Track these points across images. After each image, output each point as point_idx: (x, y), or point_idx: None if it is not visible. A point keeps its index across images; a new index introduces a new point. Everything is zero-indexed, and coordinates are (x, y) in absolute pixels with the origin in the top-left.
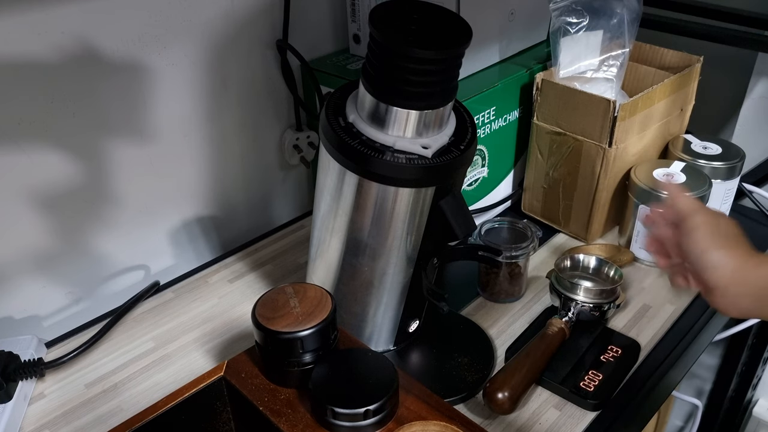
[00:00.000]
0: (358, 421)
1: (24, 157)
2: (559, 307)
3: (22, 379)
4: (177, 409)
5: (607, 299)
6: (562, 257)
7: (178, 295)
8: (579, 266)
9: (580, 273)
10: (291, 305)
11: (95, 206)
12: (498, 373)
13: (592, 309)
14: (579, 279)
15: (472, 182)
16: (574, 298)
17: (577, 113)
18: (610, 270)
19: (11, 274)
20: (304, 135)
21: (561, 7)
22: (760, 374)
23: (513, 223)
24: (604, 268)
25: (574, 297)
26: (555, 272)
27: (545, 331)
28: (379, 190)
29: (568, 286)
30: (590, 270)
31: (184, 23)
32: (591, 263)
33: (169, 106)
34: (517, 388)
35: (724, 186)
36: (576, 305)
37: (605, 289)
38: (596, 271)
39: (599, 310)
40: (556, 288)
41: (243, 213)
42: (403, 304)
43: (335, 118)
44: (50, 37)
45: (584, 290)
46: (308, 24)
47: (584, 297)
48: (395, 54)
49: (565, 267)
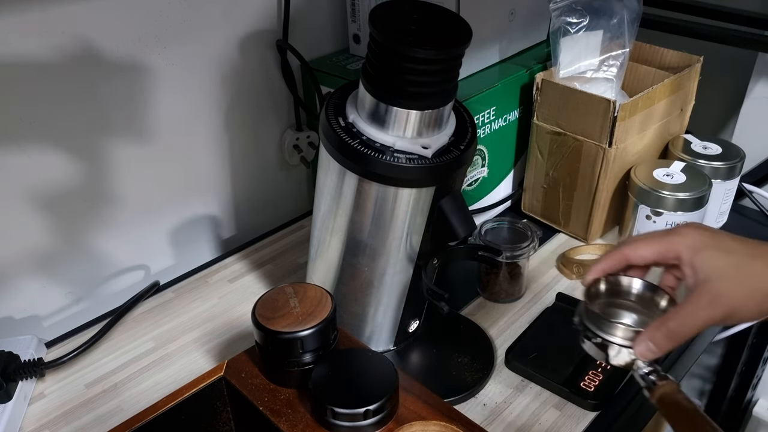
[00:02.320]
0: (358, 421)
1: (24, 157)
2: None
3: (22, 379)
4: (177, 409)
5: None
6: (594, 282)
7: (178, 295)
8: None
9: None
10: (291, 305)
11: (95, 206)
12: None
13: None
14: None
15: (472, 182)
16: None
17: (577, 113)
18: (660, 299)
19: (11, 274)
20: (304, 135)
21: (561, 7)
22: (760, 374)
23: (513, 223)
24: (650, 295)
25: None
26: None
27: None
28: (379, 190)
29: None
30: (632, 297)
31: (184, 23)
32: (634, 287)
33: (169, 106)
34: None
35: (724, 186)
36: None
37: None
38: (640, 299)
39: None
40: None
41: (243, 213)
42: (403, 304)
43: (335, 118)
44: (50, 37)
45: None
46: (308, 24)
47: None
48: (395, 54)
49: (599, 293)
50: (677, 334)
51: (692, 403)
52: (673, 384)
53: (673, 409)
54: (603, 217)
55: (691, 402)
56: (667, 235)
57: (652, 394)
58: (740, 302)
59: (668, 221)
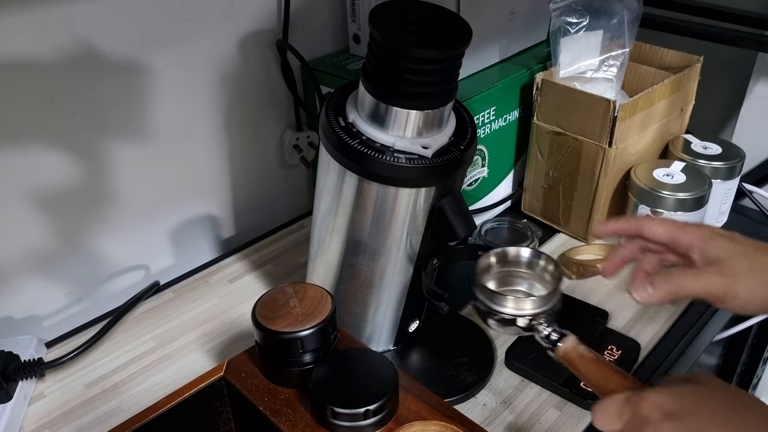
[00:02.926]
0: (358, 421)
1: (24, 157)
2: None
3: (22, 379)
4: (177, 409)
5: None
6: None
7: (178, 295)
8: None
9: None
10: (291, 305)
11: (95, 206)
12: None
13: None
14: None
15: (472, 182)
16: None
17: (577, 113)
18: (547, 264)
19: (11, 274)
20: (304, 135)
21: (561, 7)
22: (760, 374)
23: (513, 223)
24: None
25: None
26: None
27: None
28: (379, 190)
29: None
30: (521, 266)
31: (184, 23)
32: (522, 256)
33: (169, 106)
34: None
35: (724, 186)
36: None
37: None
38: (528, 266)
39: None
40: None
41: (243, 213)
42: (403, 304)
43: (335, 118)
44: (50, 37)
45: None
46: (308, 24)
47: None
48: (395, 54)
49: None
50: (677, 286)
51: (592, 352)
52: (573, 338)
53: (577, 362)
54: (603, 217)
55: (591, 351)
56: (683, 224)
57: (556, 352)
58: (745, 285)
59: None
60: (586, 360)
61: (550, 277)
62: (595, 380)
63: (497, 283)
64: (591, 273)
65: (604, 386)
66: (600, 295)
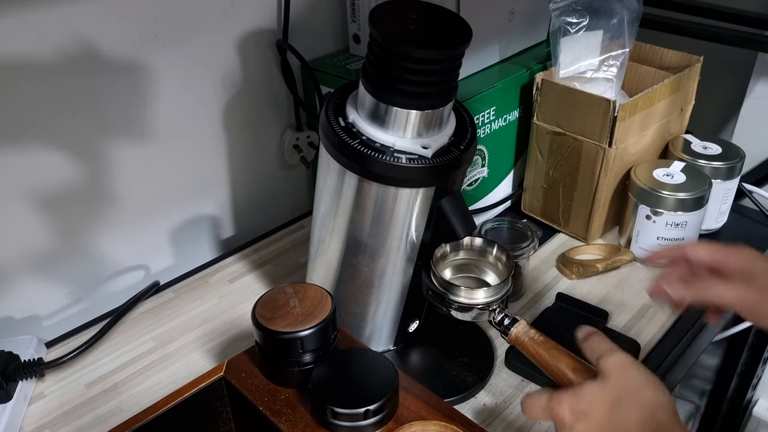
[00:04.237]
0: (358, 421)
1: (24, 157)
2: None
3: (22, 379)
4: (177, 409)
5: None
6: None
7: (178, 295)
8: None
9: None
10: (291, 305)
11: (95, 206)
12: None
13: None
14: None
15: (472, 182)
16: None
17: (577, 113)
18: (499, 252)
19: (11, 274)
20: (304, 135)
21: (561, 7)
22: (760, 374)
23: (513, 223)
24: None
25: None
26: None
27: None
28: (379, 190)
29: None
30: (473, 254)
31: (184, 23)
32: (474, 245)
33: (169, 106)
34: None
35: (724, 186)
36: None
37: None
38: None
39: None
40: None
41: (243, 213)
42: (403, 304)
43: (335, 118)
44: (50, 37)
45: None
46: (308, 24)
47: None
48: (395, 54)
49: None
50: (712, 293)
51: (542, 335)
52: (524, 322)
53: (528, 345)
54: (603, 217)
55: (541, 335)
56: (725, 248)
57: (508, 336)
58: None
59: (668, 221)
60: (536, 343)
61: (503, 267)
62: (545, 362)
63: (453, 271)
64: (591, 273)
65: (554, 367)
66: (600, 295)
